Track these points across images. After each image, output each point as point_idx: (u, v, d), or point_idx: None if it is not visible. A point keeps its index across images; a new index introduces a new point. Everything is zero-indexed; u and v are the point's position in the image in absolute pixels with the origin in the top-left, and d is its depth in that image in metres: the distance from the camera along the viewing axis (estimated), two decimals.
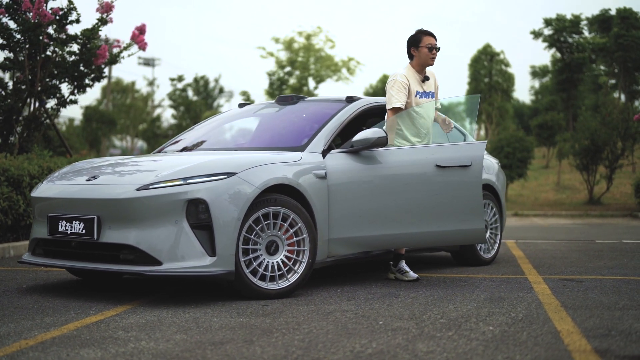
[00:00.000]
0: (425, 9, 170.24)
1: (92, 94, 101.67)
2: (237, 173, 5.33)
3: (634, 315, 4.82)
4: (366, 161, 6.17)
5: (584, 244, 10.65)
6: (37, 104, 10.68)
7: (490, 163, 8.04)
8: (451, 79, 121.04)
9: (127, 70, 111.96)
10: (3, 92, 10.40)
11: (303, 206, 5.71)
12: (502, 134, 27.90)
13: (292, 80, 39.82)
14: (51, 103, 10.94)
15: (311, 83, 40.50)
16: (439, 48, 6.65)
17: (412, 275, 6.41)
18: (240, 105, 7.55)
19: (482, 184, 7.56)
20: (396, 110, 6.41)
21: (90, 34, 10.54)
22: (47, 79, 10.62)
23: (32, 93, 10.48)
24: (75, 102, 11.05)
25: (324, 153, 6.06)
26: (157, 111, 55.11)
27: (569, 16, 38.15)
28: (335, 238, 5.96)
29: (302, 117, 6.69)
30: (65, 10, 10.56)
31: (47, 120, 10.99)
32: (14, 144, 10.50)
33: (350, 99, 6.76)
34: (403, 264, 6.48)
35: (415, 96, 6.59)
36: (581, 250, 9.46)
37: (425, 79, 6.67)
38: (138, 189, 5.23)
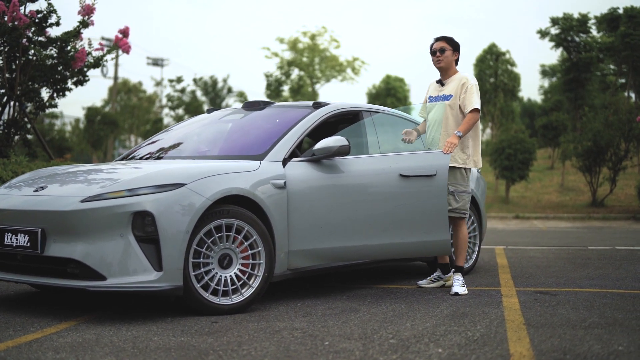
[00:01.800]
0: (430, 8, 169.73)
1: (99, 95, 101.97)
2: (186, 184, 5.11)
3: (596, 335, 4.58)
4: (328, 170, 5.96)
5: (574, 250, 10.39)
6: (16, 108, 10.50)
7: None
8: None
9: (134, 70, 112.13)
10: None
11: (261, 217, 5.50)
12: (503, 135, 27.61)
13: (289, 82, 39.62)
14: (30, 107, 10.76)
15: (317, 85, 40.32)
16: (444, 50, 6.51)
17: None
18: (209, 111, 7.35)
19: None
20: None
21: (67, 37, 10.34)
22: (29, 83, 10.43)
23: (11, 97, 10.30)
24: (55, 106, 10.87)
25: (285, 162, 5.84)
26: (165, 111, 55.02)
27: (576, 15, 37.78)
28: (295, 250, 5.74)
29: (266, 124, 6.46)
30: (45, 13, 10.38)
31: (28, 124, 10.80)
32: None
33: (317, 105, 6.53)
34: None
35: (428, 101, 6.70)
36: (568, 258, 9.21)
37: (442, 84, 6.58)
38: (82, 201, 5.03)
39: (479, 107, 6.36)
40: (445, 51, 6.50)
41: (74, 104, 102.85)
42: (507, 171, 22.70)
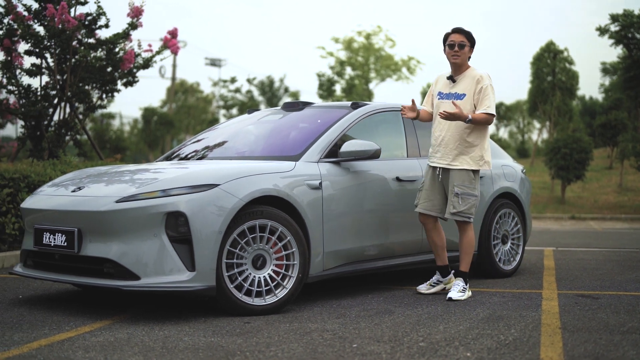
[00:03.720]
0: (486, 5, 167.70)
1: (157, 95, 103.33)
2: (219, 185, 5.13)
3: (633, 341, 4.45)
4: (362, 171, 6.01)
5: (626, 253, 10.15)
6: (67, 109, 10.69)
7: (513, 170, 7.68)
8: (513, 78, 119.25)
9: (192, 71, 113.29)
10: (32, 97, 10.43)
11: (295, 218, 5.50)
12: (559, 134, 27.14)
13: (342, 81, 39.59)
14: (80, 108, 10.95)
15: (371, 84, 40.19)
16: (463, 45, 6.05)
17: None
18: (249, 112, 7.38)
19: (502, 192, 7.29)
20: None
21: (115, 39, 10.50)
22: (79, 84, 10.61)
23: (62, 98, 10.50)
24: (104, 107, 11.05)
25: (321, 162, 5.84)
26: (222, 112, 55.49)
27: (637, 11, 36.93)
28: (330, 251, 5.73)
29: (304, 125, 6.46)
30: (94, 15, 10.55)
31: (78, 125, 11.00)
32: (44, 149, 10.53)
33: (356, 105, 6.52)
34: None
35: (437, 97, 6.22)
36: (618, 261, 9.00)
37: (453, 80, 6.12)
38: (117, 201, 5.09)
39: (494, 113, 6.01)
40: (464, 47, 6.05)
41: (133, 105, 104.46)
42: (563, 171, 22.29)
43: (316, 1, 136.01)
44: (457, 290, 5.95)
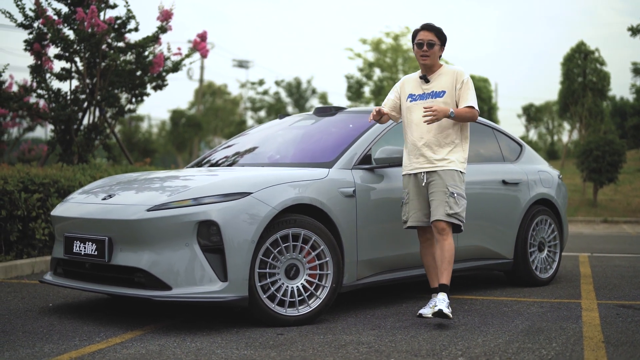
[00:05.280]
0: (515, 4, 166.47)
1: (185, 97, 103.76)
2: (252, 193, 5.03)
3: None
4: (394, 178, 5.84)
5: None
6: (97, 113, 10.67)
7: (550, 176, 7.51)
8: (544, 78, 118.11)
9: (220, 73, 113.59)
10: (62, 102, 10.42)
11: (328, 226, 5.38)
12: (591, 136, 26.79)
13: (370, 83, 39.38)
14: (110, 112, 10.92)
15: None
16: (432, 44, 5.48)
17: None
18: (281, 117, 7.28)
19: (539, 199, 7.14)
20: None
21: (145, 43, 10.46)
22: (109, 88, 10.59)
23: (91, 102, 10.47)
24: (133, 110, 11.02)
25: (354, 169, 5.72)
26: (249, 113, 55.54)
27: None
28: (364, 260, 5.61)
29: (336, 131, 6.34)
30: (124, 19, 10.52)
31: (108, 129, 10.97)
32: (74, 153, 10.51)
33: None
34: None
35: (407, 100, 5.63)
36: None
37: (426, 80, 5.57)
38: (149, 210, 5.00)
39: (476, 107, 5.47)
40: (434, 46, 5.48)
41: (161, 107, 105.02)
42: (595, 174, 21.97)
43: (344, 2, 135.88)
44: (445, 305, 5.18)
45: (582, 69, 35.01)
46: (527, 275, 7.02)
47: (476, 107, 5.47)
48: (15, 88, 11.73)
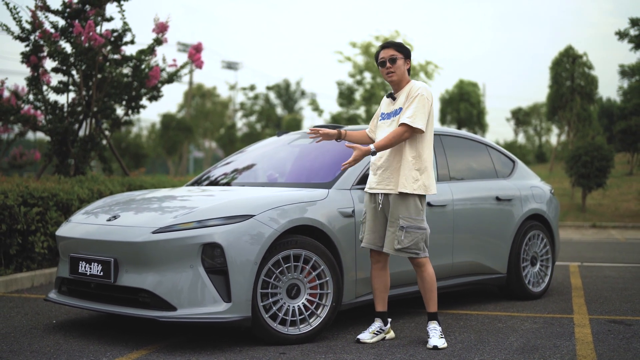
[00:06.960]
0: (503, 6, 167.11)
1: (174, 99, 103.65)
2: (254, 215, 5.16)
3: None
4: None
5: None
6: (93, 125, 10.76)
7: (542, 191, 7.67)
8: (533, 79, 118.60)
9: (209, 74, 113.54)
10: (59, 114, 10.51)
11: (328, 246, 5.52)
12: (579, 141, 27.01)
13: (360, 89, 39.53)
14: (106, 124, 11.02)
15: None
16: (394, 59, 5.37)
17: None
18: (279, 134, 7.39)
19: (532, 214, 7.29)
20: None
21: (141, 56, 10.56)
22: (105, 99, 10.68)
23: (87, 114, 10.57)
24: (130, 122, 11.12)
25: (353, 189, 5.86)
26: (238, 115, 55.57)
27: None
28: (363, 278, 5.75)
29: (334, 150, 6.45)
30: (120, 31, 10.62)
31: (104, 141, 11.07)
32: (70, 166, 10.60)
33: None
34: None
35: (380, 118, 5.60)
36: None
37: (393, 98, 5.50)
38: (154, 232, 5.13)
39: (413, 124, 5.17)
40: (396, 60, 5.37)
41: (150, 109, 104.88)
42: (584, 179, 22.19)
43: (333, 5, 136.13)
44: (438, 336, 5.24)
45: (570, 73, 35.29)
46: (519, 289, 7.18)
47: (414, 124, 5.18)
48: (6, 93, 11.77)
